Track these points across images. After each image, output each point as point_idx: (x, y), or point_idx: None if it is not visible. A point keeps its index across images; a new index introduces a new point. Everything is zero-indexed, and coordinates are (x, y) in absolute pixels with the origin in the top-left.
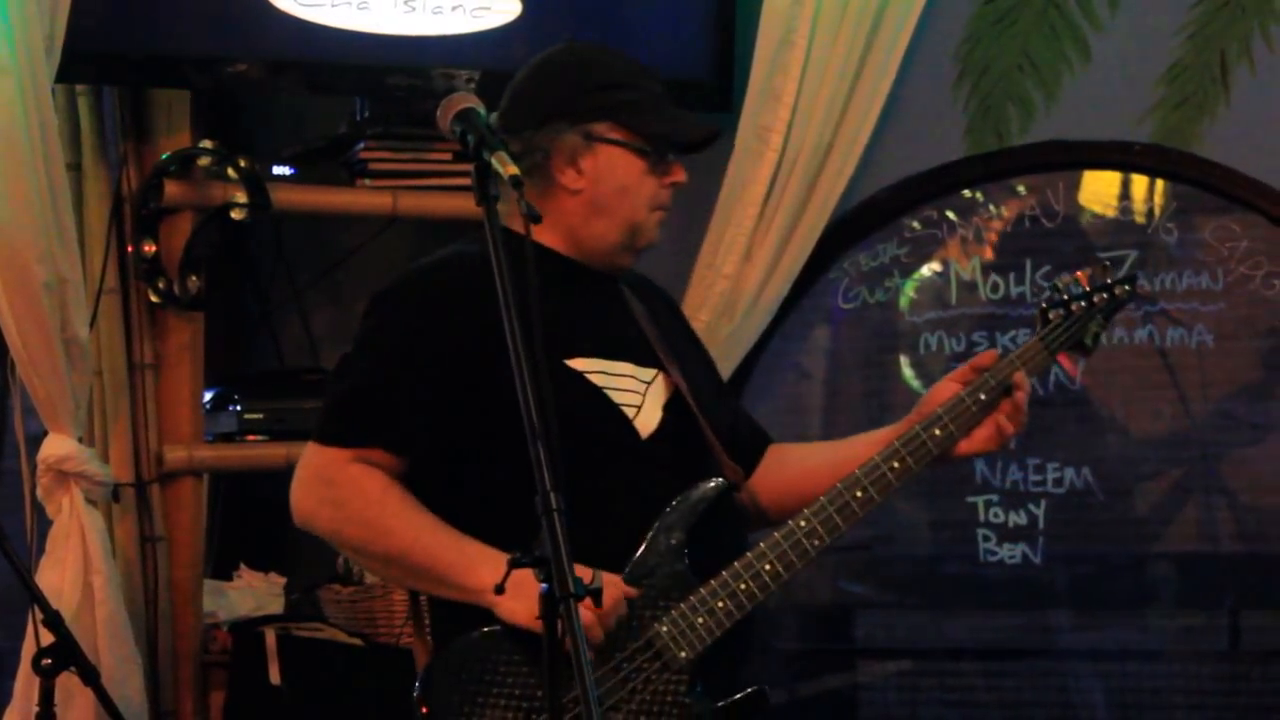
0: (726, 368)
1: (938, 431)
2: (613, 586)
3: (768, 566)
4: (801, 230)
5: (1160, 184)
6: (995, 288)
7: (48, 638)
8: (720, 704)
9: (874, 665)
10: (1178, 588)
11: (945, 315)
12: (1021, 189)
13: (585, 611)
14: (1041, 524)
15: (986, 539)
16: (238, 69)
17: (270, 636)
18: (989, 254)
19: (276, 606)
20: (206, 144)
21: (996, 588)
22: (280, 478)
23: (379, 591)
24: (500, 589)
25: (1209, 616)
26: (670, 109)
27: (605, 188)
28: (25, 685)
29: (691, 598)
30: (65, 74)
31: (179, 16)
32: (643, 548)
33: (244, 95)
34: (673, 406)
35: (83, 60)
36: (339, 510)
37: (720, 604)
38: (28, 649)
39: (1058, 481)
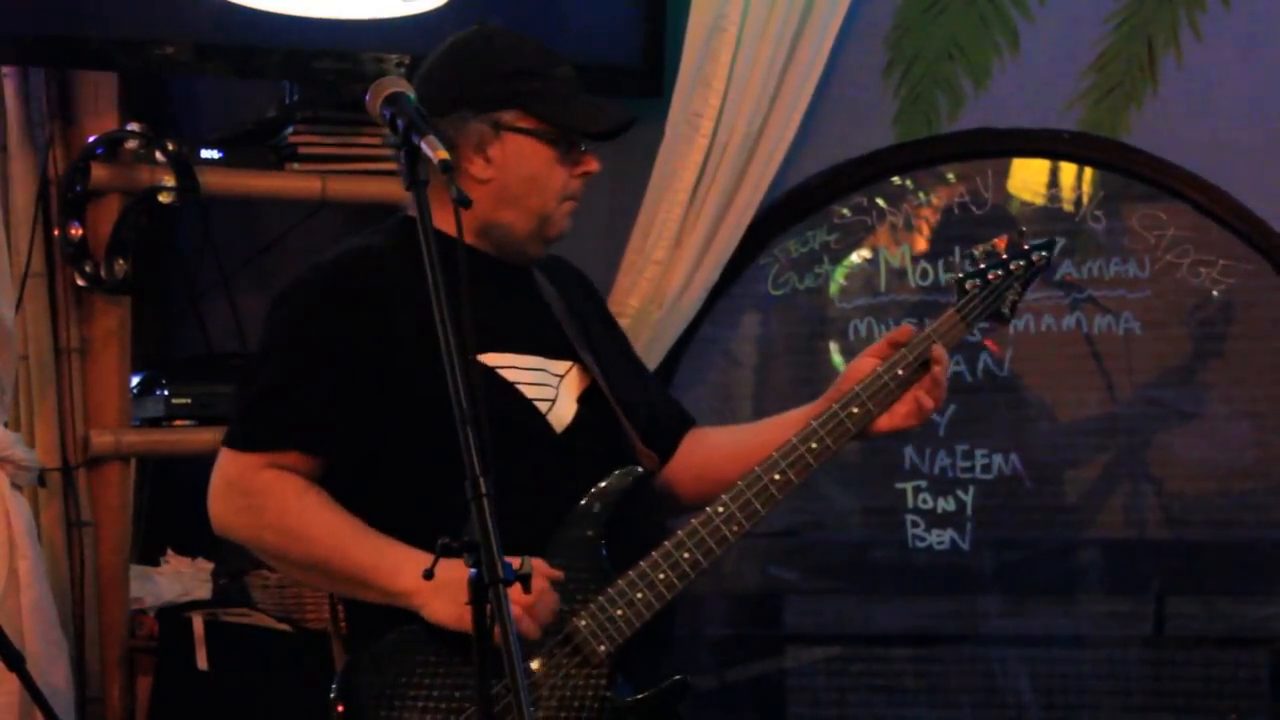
0: (656, 354)
1: (855, 410)
2: (539, 575)
3: (686, 555)
4: (732, 217)
5: (1088, 172)
6: (924, 275)
7: None
8: (641, 696)
9: (802, 651)
10: (1104, 574)
11: (875, 302)
12: (951, 176)
13: (514, 606)
14: (970, 510)
15: (915, 525)
16: (165, 51)
17: (198, 622)
18: (918, 241)
19: (204, 592)
20: (134, 127)
21: (925, 573)
22: (208, 462)
23: None
24: (429, 574)
25: (1135, 602)
26: (583, 97)
27: (513, 177)
28: None
29: (610, 590)
30: None
31: None
32: (556, 542)
33: (171, 78)
34: (588, 398)
35: (8, 41)
36: (257, 518)
37: (639, 595)
38: None
39: (986, 468)
